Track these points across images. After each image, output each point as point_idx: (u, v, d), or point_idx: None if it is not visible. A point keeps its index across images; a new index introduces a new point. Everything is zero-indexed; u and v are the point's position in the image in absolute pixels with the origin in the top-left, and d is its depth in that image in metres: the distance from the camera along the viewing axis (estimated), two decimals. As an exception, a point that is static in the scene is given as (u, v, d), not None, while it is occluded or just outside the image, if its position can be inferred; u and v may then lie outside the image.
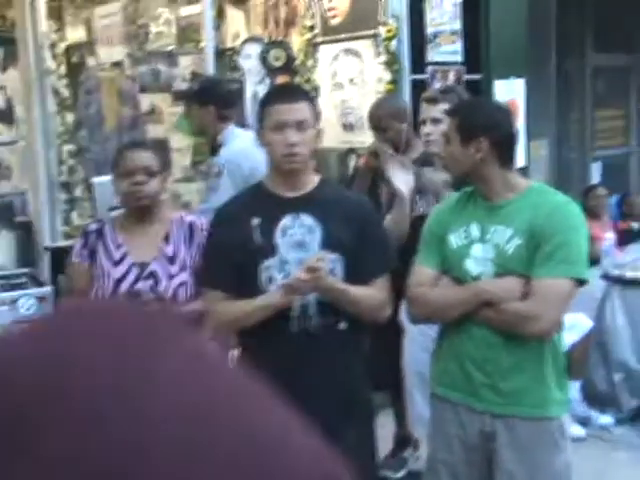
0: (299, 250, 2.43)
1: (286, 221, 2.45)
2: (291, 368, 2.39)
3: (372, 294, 2.51)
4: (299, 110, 2.41)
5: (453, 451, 2.53)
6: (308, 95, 2.60)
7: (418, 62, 4.73)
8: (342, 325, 2.48)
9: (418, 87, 4.56)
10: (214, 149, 3.89)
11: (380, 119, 3.67)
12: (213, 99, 3.80)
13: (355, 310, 2.50)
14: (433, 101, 3.41)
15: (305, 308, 2.43)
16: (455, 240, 2.51)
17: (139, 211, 2.86)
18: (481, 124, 2.47)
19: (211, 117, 3.79)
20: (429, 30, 4.76)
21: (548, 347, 2.43)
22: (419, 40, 4.73)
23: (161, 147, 2.98)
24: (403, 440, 3.89)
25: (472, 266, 2.45)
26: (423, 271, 2.55)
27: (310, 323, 2.44)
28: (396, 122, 3.62)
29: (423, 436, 3.11)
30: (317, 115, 2.55)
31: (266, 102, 2.52)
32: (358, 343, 2.62)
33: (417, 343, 3.39)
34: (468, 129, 2.46)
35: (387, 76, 4.66)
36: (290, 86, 2.54)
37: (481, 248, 2.45)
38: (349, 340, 2.52)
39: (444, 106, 3.21)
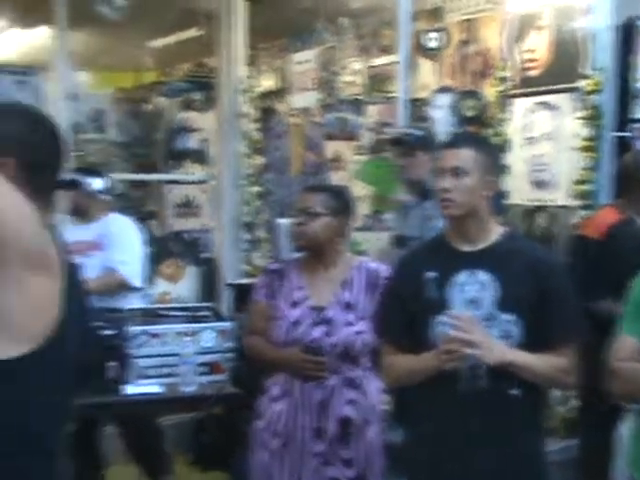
0: (472, 307, 2.28)
1: (462, 277, 2.31)
2: (455, 430, 2.28)
3: (555, 363, 2.29)
4: (457, 156, 2.31)
5: None
6: (478, 143, 2.42)
7: (619, 119, 4.48)
8: (514, 391, 2.27)
9: (620, 146, 4.32)
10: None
11: None
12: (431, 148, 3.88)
13: (533, 380, 2.30)
14: None
15: (474, 369, 2.26)
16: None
17: (311, 253, 2.88)
18: None
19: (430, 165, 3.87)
20: (636, 85, 4.50)
21: None
22: (622, 95, 4.48)
23: (337, 192, 2.98)
24: None
25: (688, 341, 2.23)
26: (627, 343, 2.33)
27: (478, 385, 2.26)
28: None
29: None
30: (491, 165, 2.38)
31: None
32: (534, 413, 2.38)
33: None
34: None
35: (585, 132, 4.43)
36: (460, 133, 2.44)
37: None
38: (522, 408, 2.30)
39: None
